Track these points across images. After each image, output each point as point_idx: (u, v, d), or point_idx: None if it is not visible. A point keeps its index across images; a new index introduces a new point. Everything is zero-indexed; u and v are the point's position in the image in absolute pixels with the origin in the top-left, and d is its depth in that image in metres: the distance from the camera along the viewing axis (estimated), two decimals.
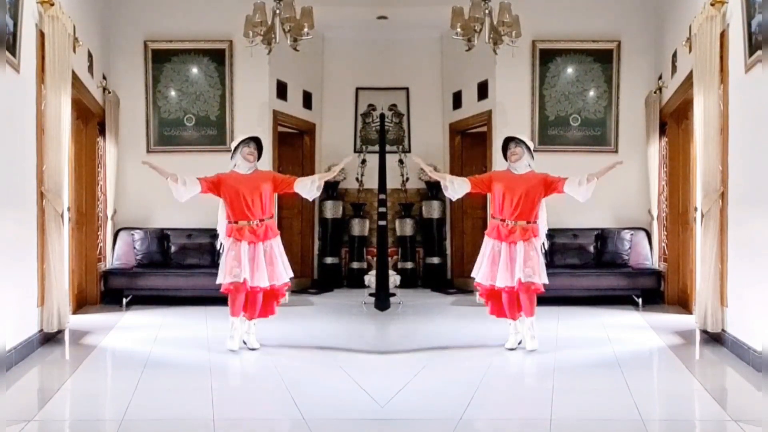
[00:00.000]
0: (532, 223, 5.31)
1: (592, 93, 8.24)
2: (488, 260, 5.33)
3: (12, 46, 4.88)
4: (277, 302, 5.63)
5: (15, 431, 3.46)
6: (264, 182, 5.43)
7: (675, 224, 7.70)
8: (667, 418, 3.88)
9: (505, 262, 5.25)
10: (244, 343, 5.45)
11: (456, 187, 5.40)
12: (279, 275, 5.42)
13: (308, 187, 5.44)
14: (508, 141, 5.45)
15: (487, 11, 6.41)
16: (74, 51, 6.22)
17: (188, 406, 3.98)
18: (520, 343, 5.40)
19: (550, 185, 5.32)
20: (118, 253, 7.90)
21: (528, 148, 5.42)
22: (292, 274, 5.60)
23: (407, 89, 9.58)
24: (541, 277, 5.28)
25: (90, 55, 7.27)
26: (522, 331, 5.37)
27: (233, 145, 5.60)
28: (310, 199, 5.71)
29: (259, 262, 5.32)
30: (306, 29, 6.50)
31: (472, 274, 5.48)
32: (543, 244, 5.68)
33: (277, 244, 5.47)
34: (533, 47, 8.15)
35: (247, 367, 5.13)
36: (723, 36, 5.60)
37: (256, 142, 5.52)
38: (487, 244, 5.39)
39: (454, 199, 5.63)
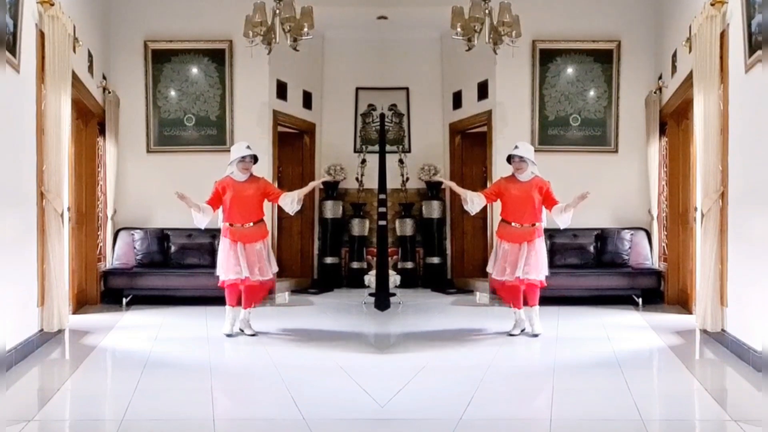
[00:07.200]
0: (535, 225, 5.90)
1: (592, 93, 8.24)
2: (500, 258, 5.98)
3: (12, 46, 4.88)
4: (266, 292, 6.34)
5: (15, 431, 3.46)
6: (257, 190, 5.98)
7: (675, 224, 7.71)
8: (667, 418, 3.88)
9: (512, 260, 5.89)
10: (242, 330, 6.01)
11: (475, 204, 5.98)
12: (266, 271, 6.00)
13: (289, 203, 6.00)
14: (513, 155, 5.93)
15: (487, 11, 6.41)
16: (74, 51, 6.22)
17: (188, 406, 3.98)
18: (523, 330, 6.00)
19: (545, 199, 5.91)
20: (118, 253, 7.91)
21: (532, 161, 5.92)
22: (276, 269, 6.21)
23: (407, 89, 9.58)
24: (539, 274, 5.90)
25: (90, 55, 7.27)
26: (526, 319, 6.01)
27: (231, 155, 6.00)
28: (291, 213, 6.26)
29: (252, 260, 5.90)
30: (306, 29, 6.51)
31: (487, 269, 6.18)
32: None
33: (265, 244, 6.05)
34: (533, 47, 8.15)
35: (248, 367, 5.14)
36: (723, 36, 5.60)
37: (253, 157, 5.99)
38: (499, 244, 6.05)
39: (473, 213, 6.17)
